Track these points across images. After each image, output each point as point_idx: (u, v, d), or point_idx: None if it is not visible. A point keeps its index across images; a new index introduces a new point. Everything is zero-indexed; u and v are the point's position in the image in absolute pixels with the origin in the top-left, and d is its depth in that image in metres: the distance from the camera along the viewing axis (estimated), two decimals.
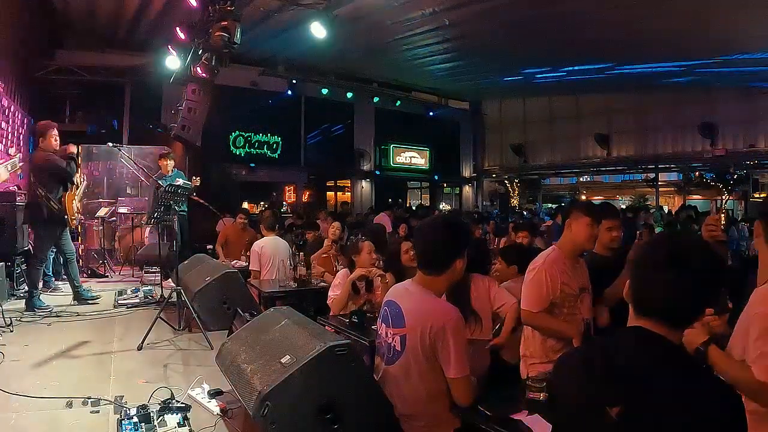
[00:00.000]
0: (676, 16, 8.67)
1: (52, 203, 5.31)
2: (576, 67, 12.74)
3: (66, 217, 5.43)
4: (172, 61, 9.48)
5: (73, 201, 5.65)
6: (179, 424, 2.67)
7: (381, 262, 4.26)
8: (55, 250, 5.93)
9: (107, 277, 7.71)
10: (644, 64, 11.92)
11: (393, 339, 2.31)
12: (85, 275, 7.30)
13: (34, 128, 5.72)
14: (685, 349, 1.27)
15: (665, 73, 12.64)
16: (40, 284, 5.65)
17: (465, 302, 2.92)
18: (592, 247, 3.09)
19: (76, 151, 5.78)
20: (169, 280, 5.84)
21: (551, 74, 13.66)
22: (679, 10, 8.48)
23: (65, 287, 6.25)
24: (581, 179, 20.76)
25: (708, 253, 1.32)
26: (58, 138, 5.52)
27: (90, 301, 5.64)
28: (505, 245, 5.52)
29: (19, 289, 5.88)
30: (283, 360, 2.30)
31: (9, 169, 5.54)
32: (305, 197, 16.47)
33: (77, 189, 5.95)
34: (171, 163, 7.33)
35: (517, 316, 3.10)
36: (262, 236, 6.09)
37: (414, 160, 18.57)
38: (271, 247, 5.81)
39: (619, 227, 3.37)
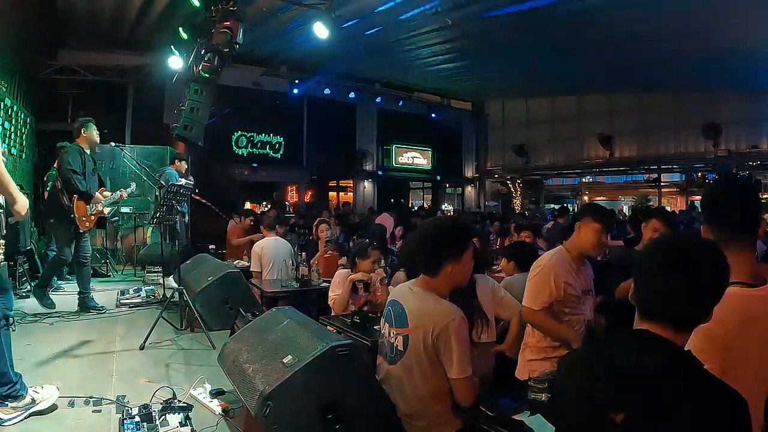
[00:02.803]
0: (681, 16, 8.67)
1: (64, 199, 5.13)
2: None
3: (73, 216, 5.16)
4: (175, 61, 9.50)
5: (87, 207, 5.34)
6: (181, 424, 2.67)
7: (382, 261, 4.27)
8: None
9: (109, 276, 7.72)
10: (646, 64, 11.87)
11: (395, 339, 2.30)
12: None
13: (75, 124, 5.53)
14: (691, 354, 1.25)
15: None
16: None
17: (472, 304, 2.90)
18: (598, 254, 3.06)
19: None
20: (171, 278, 5.83)
21: None
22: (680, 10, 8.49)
23: (68, 286, 6.25)
24: (584, 180, 20.73)
25: (713, 253, 1.30)
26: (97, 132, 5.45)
27: (93, 311, 5.36)
28: (509, 243, 5.54)
29: (21, 288, 5.88)
30: (285, 360, 2.30)
31: None
32: (307, 197, 16.47)
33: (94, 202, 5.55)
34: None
35: (521, 320, 3.10)
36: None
37: (416, 161, 18.57)
38: (271, 248, 5.79)
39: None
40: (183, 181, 5.33)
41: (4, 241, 2.60)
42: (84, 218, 5.28)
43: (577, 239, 2.94)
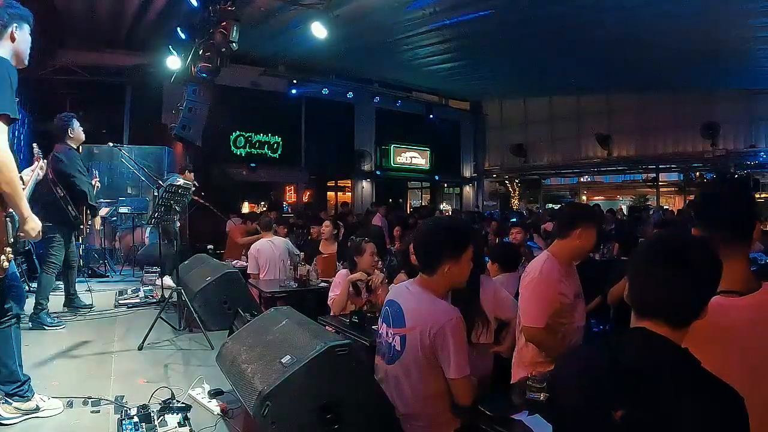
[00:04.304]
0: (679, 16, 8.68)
1: (70, 209, 4.75)
2: None
3: (82, 226, 4.98)
4: (173, 61, 9.50)
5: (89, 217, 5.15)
6: (180, 424, 2.66)
7: (381, 263, 4.28)
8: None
9: (108, 276, 7.71)
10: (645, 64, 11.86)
11: (393, 339, 2.31)
12: (85, 275, 7.29)
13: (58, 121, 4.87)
14: (689, 352, 1.25)
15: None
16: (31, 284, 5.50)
17: (474, 305, 2.89)
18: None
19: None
20: (166, 278, 5.81)
21: None
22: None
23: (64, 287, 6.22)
24: (582, 179, 20.74)
25: (706, 251, 1.31)
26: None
27: (82, 310, 5.29)
28: (492, 245, 5.57)
29: None
30: (283, 360, 2.30)
31: None
32: (306, 197, 16.46)
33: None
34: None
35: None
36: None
37: (415, 161, 18.56)
38: (267, 248, 5.79)
39: None
40: (181, 181, 5.28)
41: (10, 249, 2.54)
42: (86, 224, 5.17)
43: (576, 245, 2.80)
